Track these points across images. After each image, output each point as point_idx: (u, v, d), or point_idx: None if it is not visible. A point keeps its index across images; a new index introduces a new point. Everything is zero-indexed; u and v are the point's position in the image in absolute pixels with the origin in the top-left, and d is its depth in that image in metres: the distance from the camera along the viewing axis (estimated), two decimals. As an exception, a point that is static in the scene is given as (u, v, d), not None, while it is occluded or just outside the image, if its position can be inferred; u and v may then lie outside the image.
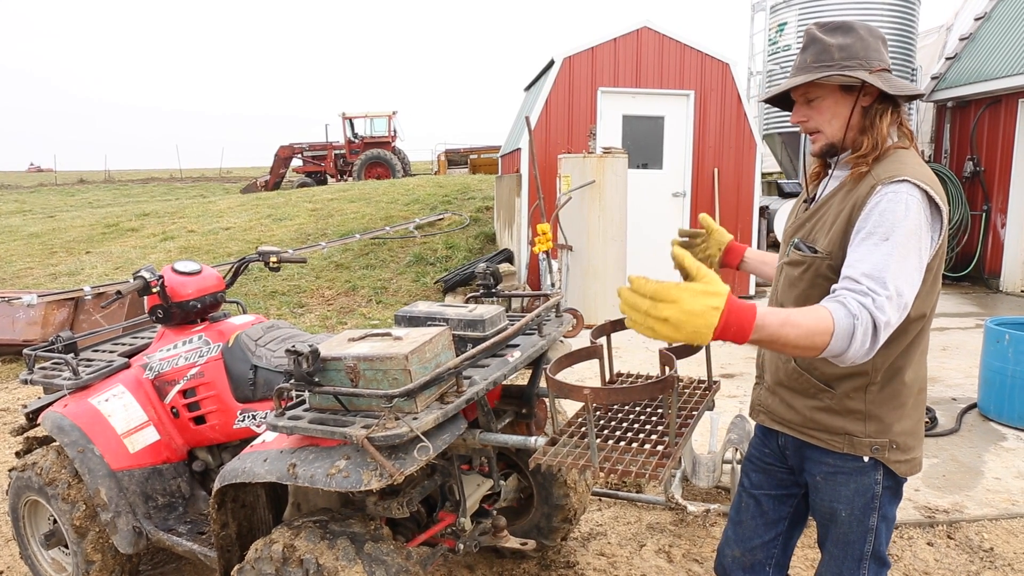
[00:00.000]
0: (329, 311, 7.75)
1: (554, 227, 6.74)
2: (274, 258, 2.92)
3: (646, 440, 1.70)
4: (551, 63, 8.08)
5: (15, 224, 13.57)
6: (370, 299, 8.11)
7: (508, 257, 8.60)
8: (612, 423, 1.82)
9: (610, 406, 1.91)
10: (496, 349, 2.11)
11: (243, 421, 2.47)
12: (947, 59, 9.94)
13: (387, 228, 10.50)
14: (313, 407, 1.82)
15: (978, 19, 9.95)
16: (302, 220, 11.59)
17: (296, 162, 23.65)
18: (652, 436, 1.73)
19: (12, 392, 5.53)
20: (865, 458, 1.64)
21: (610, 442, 1.68)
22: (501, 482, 2.53)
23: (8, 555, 3.13)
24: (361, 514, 1.98)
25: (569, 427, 1.77)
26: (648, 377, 1.94)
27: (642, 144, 8.22)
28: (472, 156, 22.87)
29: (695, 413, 1.81)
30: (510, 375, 2.02)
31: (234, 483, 1.96)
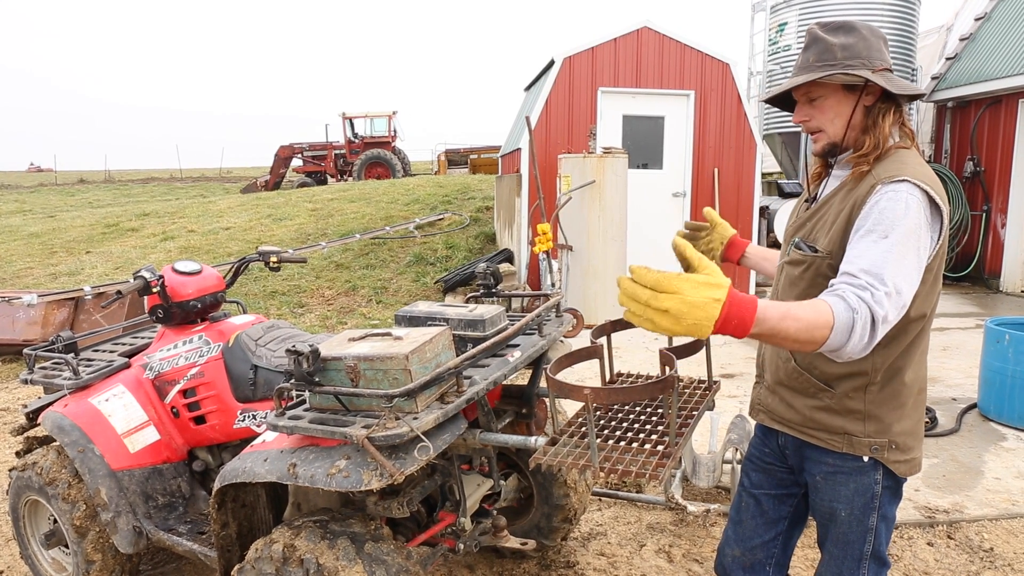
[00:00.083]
0: (329, 311, 7.75)
1: (554, 227, 6.74)
2: (274, 258, 2.92)
3: (646, 440, 1.70)
4: (551, 63, 8.08)
5: (15, 224, 13.57)
6: (370, 299, 8.11)
7: (508, 257, 8.60)
8: (612, 423, 1.82)
9: (610, 406, 1.91)
10: (496, 349, 2.11)
11: (243, 421, 2.47)
12: (947, 59, 9.94)
13: (387, 228, 10.50)
14: (313, 407, 1.82)
15: (978, 19, 9.95)
16: (302, 220, 11.59)
17: (296, 162, 23.65)
18: (652, 436, 1.73)
19: (12, 392, 5.53)
20: (865, 458, 1.64)
21: (610, 442, 1.68)
22: (501, 482, 2.53)
23: (8, 555, 3.13)
24: (361, 514, 1.99)
25: (569, 427, 1.77)
26: (648, 377, 1.94)
27: (642, 144, 8.22)
28: (472, 156, 22.87)
29: (695, 413, 1.81)
30: (510, 375, 2.02)
31: (234, 483, 1.96)
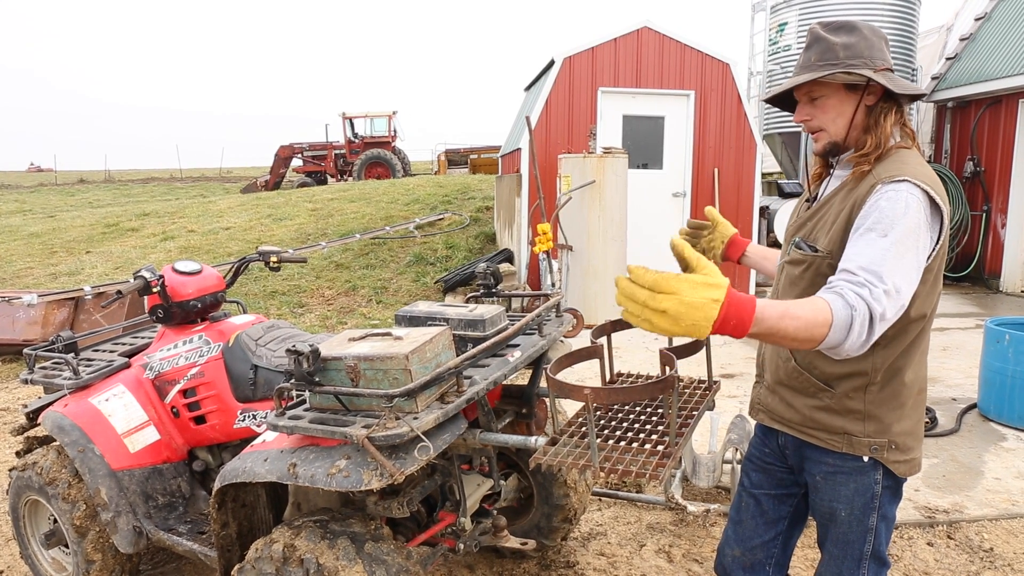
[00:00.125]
0: (329, 311, 7.75)
1: (554, 227, 6.74)
2: (274, 258, 2.92)
3: (646, 440, 1.70)
4: (551, 63, 8.08)
5: (15, 224, 13.57)
6: (370, 299, 8.11)
7: (508, 257, 8.60)
8: (612, 423, 1.82)
9: (610, 406, 1.91)
10: (496, 349, 2.11)
11: (243, 421, 2.47)
12: (947, 59, 9.94)
13: (387, 228, 10.50)
14: (313, 407, 1.82)
15: (978, 19, 9.95)
16: (302, 220, 11.59)
17: (296, 162, 23.66)
18: (652, 436, 1.73)
19: (12, 392, 5.53)
20: (865, 458, 1.63)
21: (610, 442, 1.68)
22: (501, 482, 2.53)
23: (8, 554, 3.13)
24: (361, 514, 1.99)
25: (569, 427, 1.77)
26: (648, 377, 1.94)
27: (642, 144, 8.22)
28: (472, 156, 22.87)
29: (695, 413, 1.81)
30: (510, 375, 2.02)
31: (234, 483, 1.96)
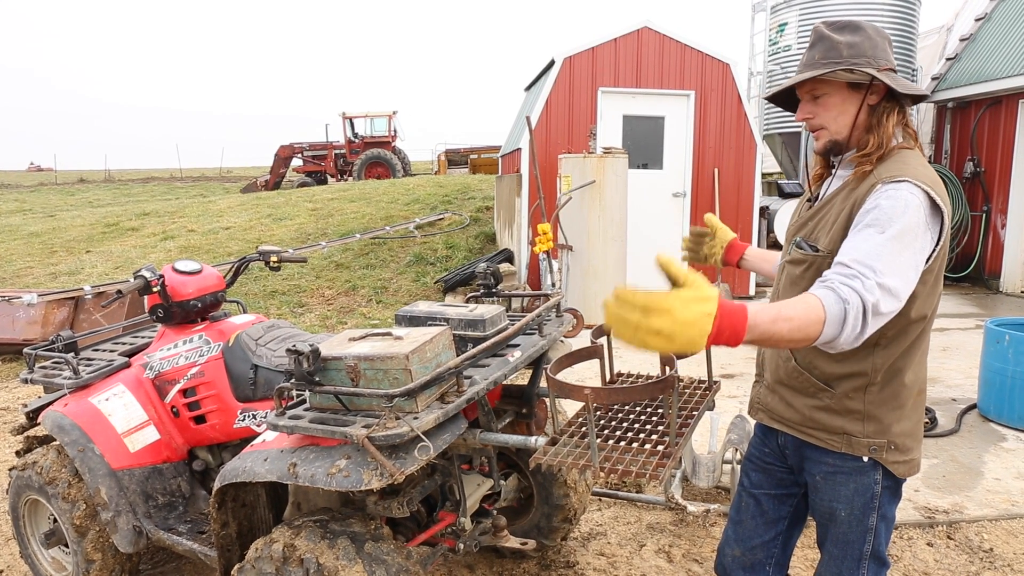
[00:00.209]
0: (329, 311, 7.75)
1: (554, 227, 6.74)
2: (274, 257, 2.92)
3: (646, 440, 1.70)
4: (551, 63, 8.08)
5: (15, 223, 13.57)
6: (370, 299, 8.11)
7: (508, 257, 8.60)
8: (612, 423, 1.82)
9: (610, 406, 1.91)
10: (496, 349, 2.11)
11: (243, 420, 2.47)
12: (947, 60, 9.94)
13: (387, 228, 10.50)
14: (313, 406, 1.82)
15: (978, 20, 9.95)
16: (302, 220, 11.59)
17: (296, 162, 23.66)
18: (652, 436, 1.73)
19: (12, 391, 5.53)
20: (864, 458, 1.64)
21: (610, 442, 1.69)
22: (501, 482, 2.53)
23: (8, 554, 3.13)
24: (361, 514, 1.99)
25: (569, 427, 1.77)
26: (648, 377, 1.94)
27: (642, 144, 8.22)
28: (472, 156, 22.87)
29: (695, 413, 1.82)
30: (510, 375, 2.02)
31: (234, 482, 1.96)
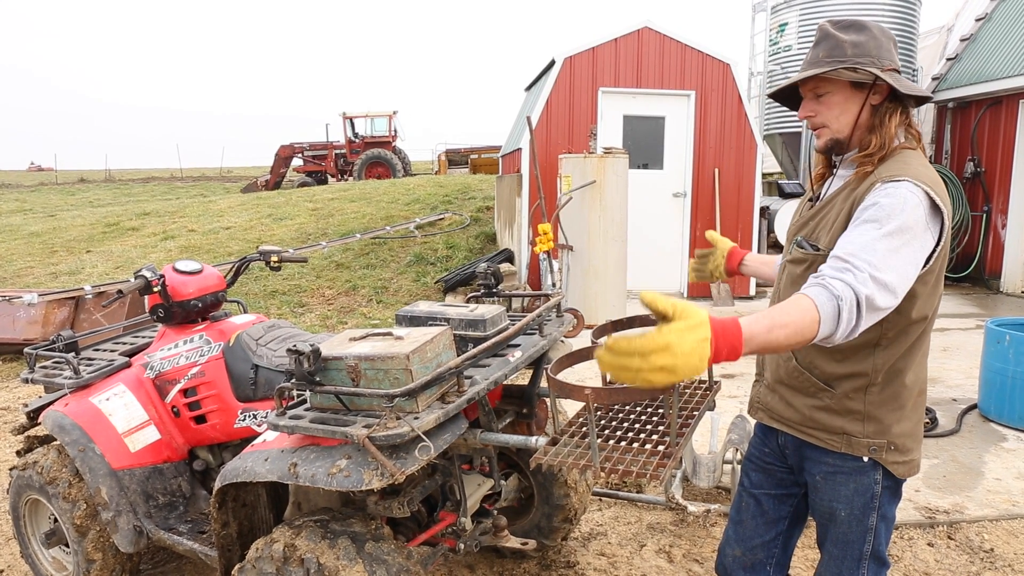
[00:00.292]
0: (329, 311, 7.75)
1: (555, 227, 6.74)
2: (275, 257, 2.92)
3: (647, 440, 1.70)
4: (552, 63, 8.08)
5: (16, 223, 13.57)
6: (370, 299, 8.11)
7: (509, 257, 8.60)
8: (613, 423, 1.82)
9: (611, 406, 1.91)
10: (497, 349, 2.11)
11: (244, 420, 2.47)
12: (948, 60, 9.94)
13: (387, 228, 10.50)
14: (314, 406, 1.82)
15: (979, 20, 9.95)
16: (303, 220, 11.59)
17: (297, 162, 23.66)
18: (653, 436, 1.73)
19: (13, 391, 5.54)
20: (864, 458, 1.64)
21: (611, 442, 1.69)
22: (502, 482, 2.53)
23: (9, 554, 3.13)
24: (362, 513, 1.99)
25: (570, 427, 1.77)
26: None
27: (643, 144, 8.22)
28: (472, 156, 22.87)
29: (696, 413, 1.81)
30: (511, 375, 2.02)
31: (235, 482, 1.96)
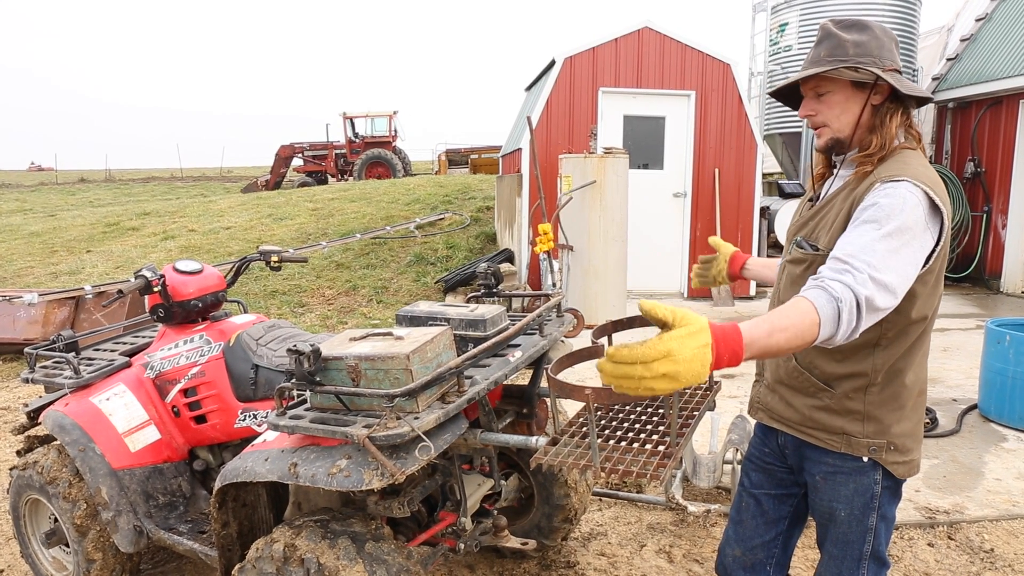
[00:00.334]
0: (330, 311, 7.75)
1: (555, 227, 6.75)
2: (275, 257, 2.92)
3: (647, 440, 1.70)
4: (552, 63, 8.09)
5: (16, 223, 13.57)
6: (371, 299, 8.11)
7: (509, 257, 8.60)
8: (613, 423, 1.82)
9: (611, 406, 1.91)
10: (497, 349, 2.11)
11: (244, 420, 2.47)
12: (948, 60, 9.94)
13: (388, 228, 10.50)
14: (314, 406, 1.82)
15: (979, 20, 9.95)
16: (303, 220, 11.59)
17: (297, 162, 23.66)
18: (653, 436, 1.73)
19: (13, 391, 5.54)
20: (864, 458, 1.64)
21: (611, 442, 1.69)
22: (502, 482, 2.53)
23: (9, 553, 3.13)
24: (362, 513, 1.99)
25: (570, 427, 1.77)
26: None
27: (643, 144, 8.22)
28: (473, 156, 22.87)
29: (696, 413, 1.82)
30: (511, 375, 2.02)
31: (235, 482, 1.96)
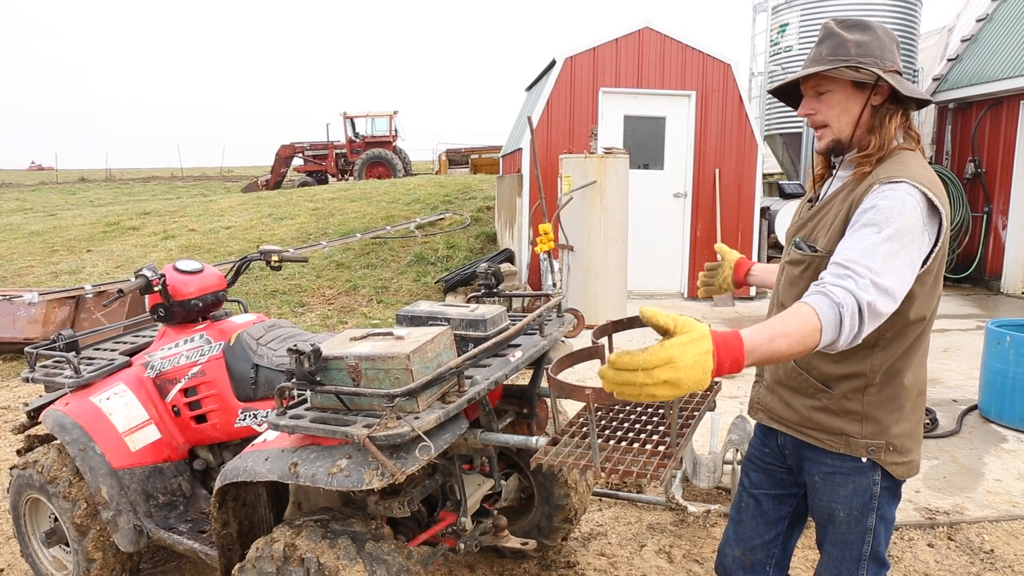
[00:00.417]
0: (330, 310, 7.75)
1: (555, 227, 6.75)
2: (275, 257, 2.93)
3: (647, 440, 1.70)
4: (552, 63, 8.09)
5: (16, 222, 13.57)
6: (371, 299, 8.11)
7: (509, 257, 8.60)
8: (613, 423, 1.82)
9: (611, 406, 1.91)
10: (497, 349, 2.11)
11: (244, 420, 2.47)
12: (948, 60, 9.94)
13: (388, 228, 10.50)
14: (314, 406, 1.82)
15: (980, 20, 9.95)
16: (303, 219, 11.59)
17: (297, 161, 23.66)
18: (653, 436, 1.73)
19: (13, 390, 5.54)
20: (863, 459, 1.64)
21: (611, 442, 1.69)
22: (502, 482, 2.53)
23: (9, 553, 3.13)
24: (362, 513, 1.99)
25: (570, 427, 1.77)
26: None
27: (643, 144, 8.22)
28: (473, 156, 22.87)
29: (696, 414, 1.82)
30: (512, 375, 2.02)
31: (235, 482, 1.96)
